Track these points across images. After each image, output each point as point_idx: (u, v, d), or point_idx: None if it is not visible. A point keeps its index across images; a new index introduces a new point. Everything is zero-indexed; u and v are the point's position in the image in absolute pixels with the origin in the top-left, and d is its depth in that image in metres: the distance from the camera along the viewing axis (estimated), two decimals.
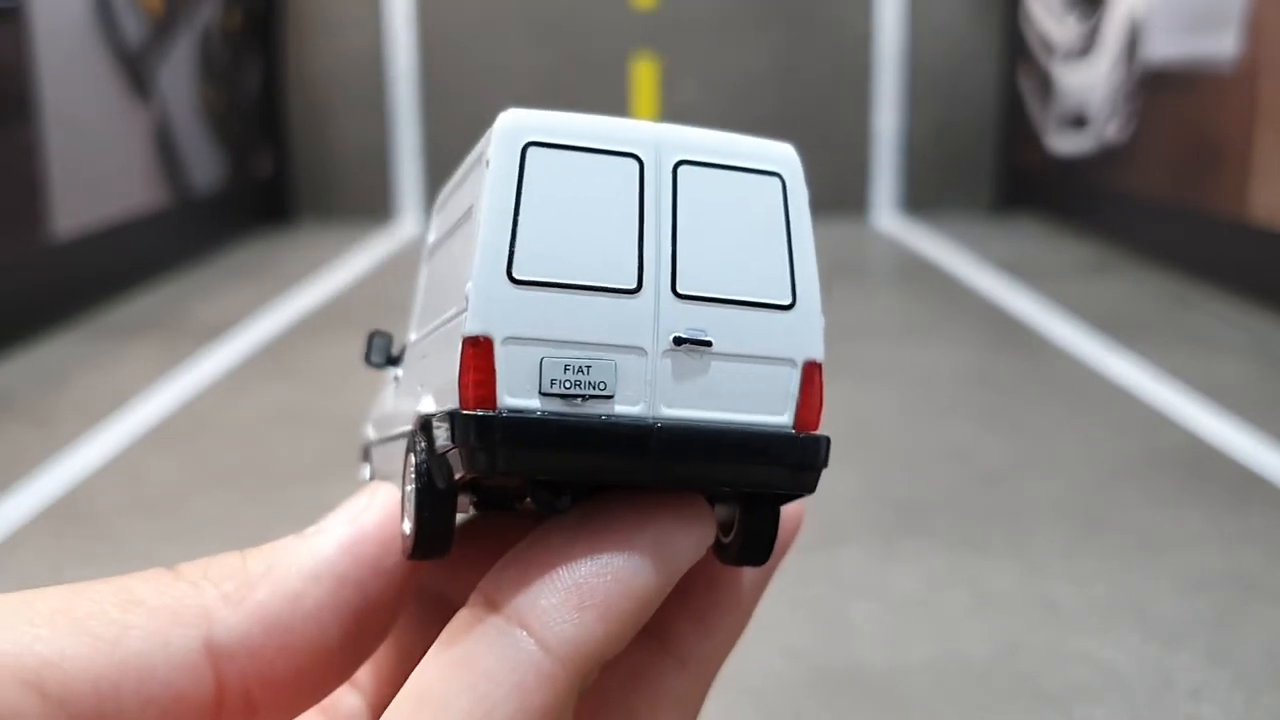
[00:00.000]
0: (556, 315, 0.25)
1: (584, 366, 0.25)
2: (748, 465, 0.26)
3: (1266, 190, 2.86)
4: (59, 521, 1.65)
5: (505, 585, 0.25)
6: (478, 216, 0.25)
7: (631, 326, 0.26)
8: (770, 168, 0.27)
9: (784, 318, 0.27)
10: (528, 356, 0.25)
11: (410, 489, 0.27)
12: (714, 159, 0.27)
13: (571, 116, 0.26)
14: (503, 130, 0.25)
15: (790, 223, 0.27)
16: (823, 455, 0.27)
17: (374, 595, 0.28)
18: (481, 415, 0.24)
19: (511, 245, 0.25)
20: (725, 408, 0.26)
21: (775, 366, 0.27)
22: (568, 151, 0.26)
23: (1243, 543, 1.55)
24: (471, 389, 0.25)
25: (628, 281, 0.26)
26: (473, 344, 0.25)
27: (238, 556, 0.28)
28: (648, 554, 0.26)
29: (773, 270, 0.27)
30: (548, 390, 0.25)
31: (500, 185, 0.25)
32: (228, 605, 0.26)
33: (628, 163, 0.26)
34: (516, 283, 0.25)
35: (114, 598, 0.25)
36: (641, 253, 0.26)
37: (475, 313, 0.25)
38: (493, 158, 0.25)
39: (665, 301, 0.26)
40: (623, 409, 0.25)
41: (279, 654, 0.27)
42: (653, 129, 0.26)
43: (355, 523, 0.29)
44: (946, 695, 1.21)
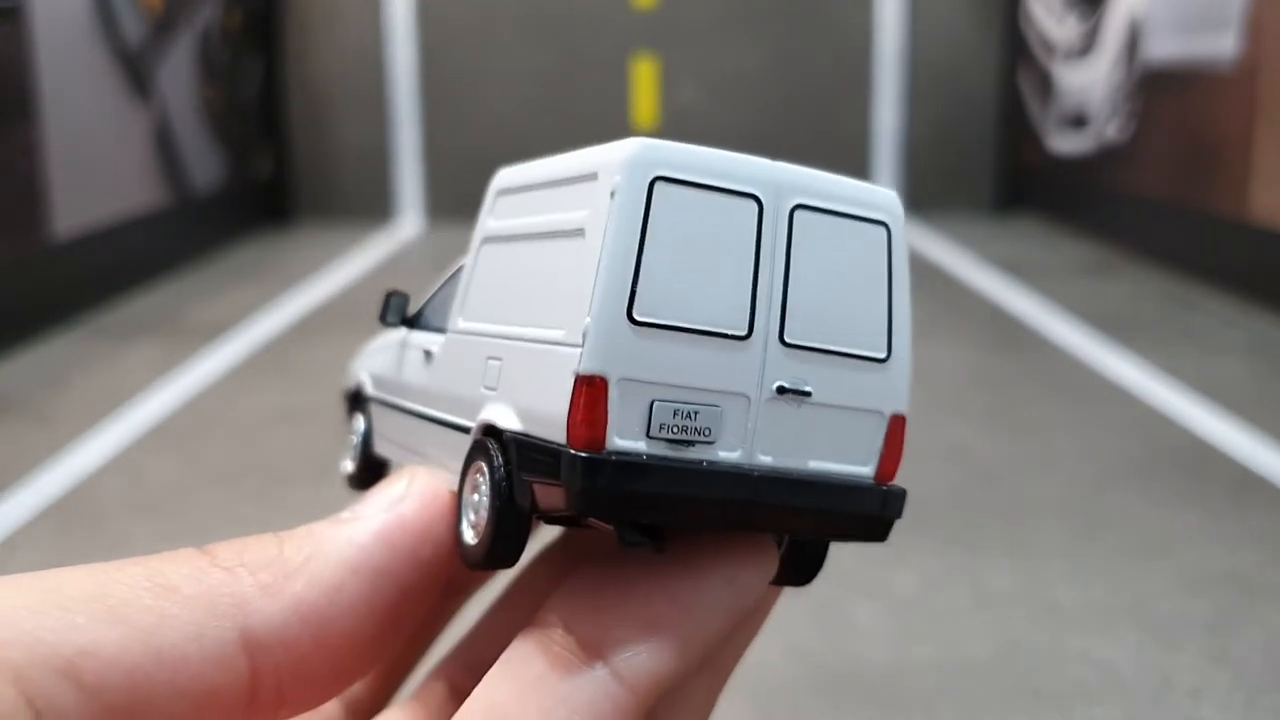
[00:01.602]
0: (671, 358, 0.25)
1: (692, 412, 0.25)
2: (834, 517, 0.27)
3: (1267, 190, 2.86)
4: (60, 521, 1.65)
5: (579, 611, 0.25)
6: (596, 245, 0.25)
7: (740, 374, 0.26)
8: (878, 216, 0.28)
9: (878, 370, 0.27)
10: (639, 398, 0.25)
11: (482, 501, 0.27)
12: (828, 205, 0.27)
13: (696, 150, 0.26)
14: (633, 160, 0.25)
15: (892, 274, 0.28)
16: (901, 508, 0.28)
17: (409, 587, 0.28)
18: (590, 458, 0.24)
19: (634, 284, 0.25)
20: (815, 456, 0.27)
21: (864, 417, 0.27)
22: (694, 189, 0.25)
23: (1243, 543, 1.55)
24: (583, 429, 0.24)
25: (740, 328, 0.26)
26: (588, 383, 0.24)
27: (274, 542, 0.27)
28: (718, 592, 0.26)
29: (872, 322, 0.27)
30: (655, 434, 0.25)
31: (627, 219, 0.25)
32: (265, 596, 0.26)
33: (748, 204, 0.26)
34: (636, 324, 0.25)
35: (148, 582, 0.25)
36: (754, 299, 0.26)
37: (593, 352, 0.24)
38: (620, 189, 0.25)
39: (772, 350, 0.26)
40: (724, 455, 0.26)
41: (315, 647, 0.26)
42: (772, 168, 0.26)
43: (393, 511, 0.28)
44: (946, 695, 1.21)
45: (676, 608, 0.25)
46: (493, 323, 0.29)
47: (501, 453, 0.27)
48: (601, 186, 0.25)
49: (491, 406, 0.28)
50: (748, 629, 0.30)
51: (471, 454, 0.28)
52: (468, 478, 0.28)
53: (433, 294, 0.35)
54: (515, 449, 0.26)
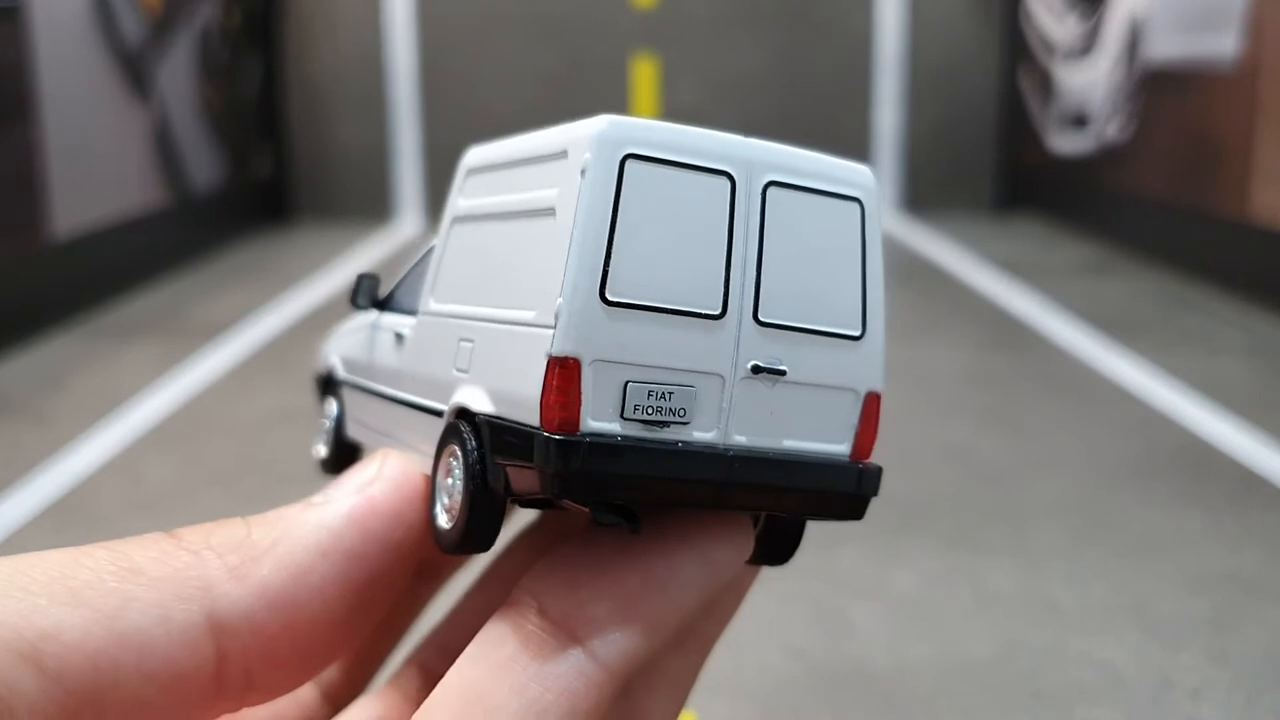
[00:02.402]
0: (644, 339, 0.25)
1: (667, 392, 0.25)
2: (809, 495, 0.27)
3: (1267, 190, 2.86)
4: (59, 521, 1.65)
5: (553, 590, 0.25)
6: (567, 224, 0.25)
7: (715, 353, 0.25)
8: (852, 193, 0.27)
9: (853, 348, 0.27)
10: (613, 379, 0.25)
11: (456, 485, 0.27)
12: (801, 181, 0.27)
13: (668, 127, 0.25)
14: (603, 138, 0.25)
15: (866, 251, 0.27)
16: (877, 486, 0.27)
17: (380, 570, 0.28)
18: (564, 440, 0.24)
19: (606, 264, 0.24)
20: (790, 435, 0.27)
21: (840, 395, 0.27)
22: (665, 166, 0.25)
23: (1243, 543, 1.55)
24: (556, 410, 0.24)
25: (714, 307, 0.25)
26: (560, 364, 0.24)
27: (242, 525, 0.27)
28: (693, 570, 0.26)
29: (846, 300, 0.27)
30: (630, 415, 0.25)
31: (598, 198, 0.24)
32: (232, 579, 0.26)
33: (720, 181, 0.26)
34: (609, 304, 0.24)
35: (112, 565, 0.24)
36: (728, 277, 0.25)
37: (565, 333, 0.24)
38: (591, 167, 0.25)
39: (747, 328, 0.26)
40: (699, 435, 0.25)
41: (283, 631, 0.26)
42: (745, 145, 0.26)
43: (364, 494, 0.28)
44: (947, 695, 1.21)
45: (650, 585, 0.25)
46: (464, 304, 0.29)
47: (475, 436, 0.26)
48: (572, 165, 0.25)
49: (464, 389, 0.27)
50: (724, 608, 0.30)
51: (444, 437, 0.28)
52: (441, 461, 0.27)
53: (404, 276, 0.35)
54: (488, 432, 0.26)
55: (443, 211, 0.32)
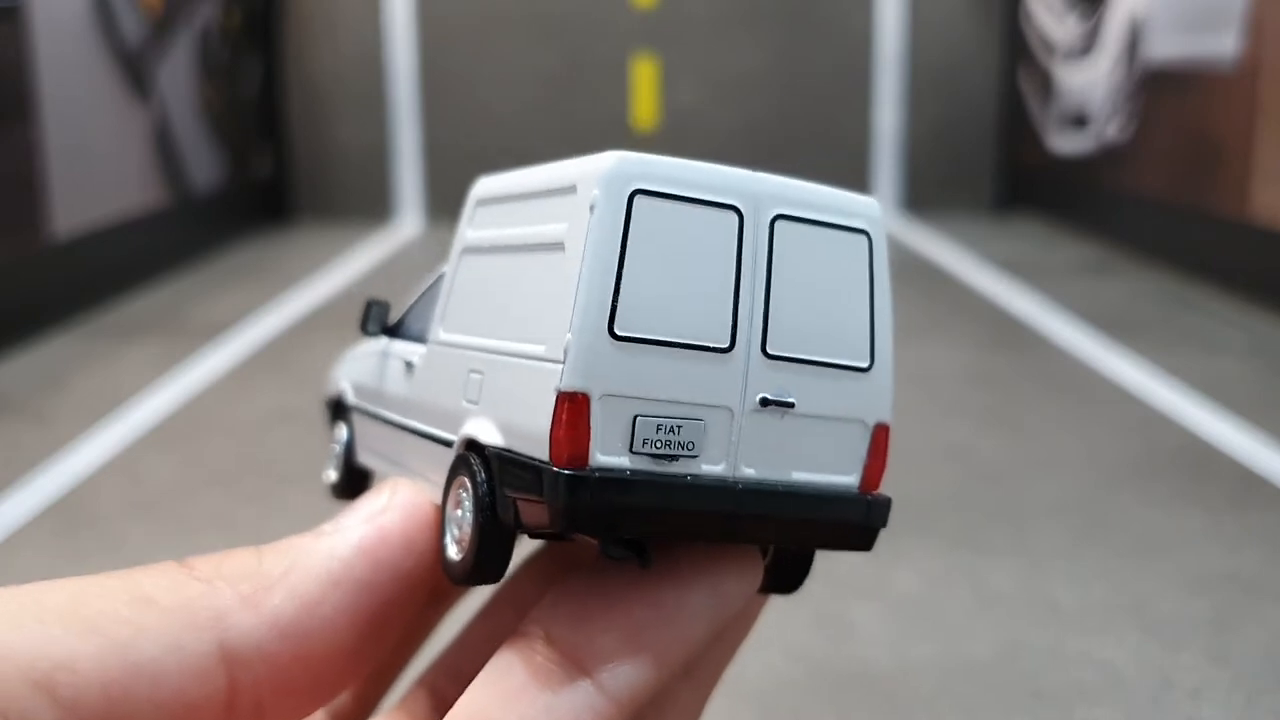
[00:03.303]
0: (653, 373, 0.25)
1: (675, 426, 0.25)
2: (818, 527, 0.27)
3: (1267, 190, 2.86)
4: (59, 521, 1.65)
5: (563, 621, 0.25)
6: (576, 260, 0.25)
7: (723, 387, 0.26)
8: (859, 225, 0.28)
9: (861, 379, 0.27)
10: (622, 414, 0.25)
11: (466, 516, 0.27)
12: (808, 214, 0.27)
13: (675, 162, 0.26)
14: (611, 174, 0.25)
15: (873, 282, 0.28)
16: (885, 517, 0.28)
17: (391, 600, 0.28)
18: (573, 475, 0.24)
19: (614, 300, 0.25)
20: (799, 467, 0.27)
21: (848, 427, 0.27)
22: (673, 201, 0.25)
23: (1243, 543, 1.55)
24: (565, 445, 0.24)
25: (722, 340, 0.26)
26: (569, 399, 0.24)
27: (253, 555, 0.27)
28: (702, 601, 0.26)
29: (854, 331, 0.27)
30: (639, 449, 0.25)
31: (606, 234, 0.25)
32: (244, 608, 0.26)
33: (728, 215, 0.26)
34: (617, 339, 0.25)
35: (125, 594, 0.25)
36: (736, 311, 0.26)
37: (574, 368, 0.24)
38: (599, 203, 0.25)
39: (755, 362, 0.26)
40: (707, 468, 0.26)
41: (294, 661, 0.26)
42: (752, 179, 0.26)
43: (374, 523, 0.28)
44: (947, 695, 1.21)
45: (659, 617, 0.25)
46: (473, 335, 0.29)
47: (484, 468, 0.26)
48: (580, 200, 0.25)
49: (473, 421, 0.28)
50: (733, 637, 0.30)
51: (454, 468, 0.28)
52: (451, 492, 0.28)
53: (413, 303, 0.35)
54: (498, 464, 0.26)
55: (452, 241, 0.32)
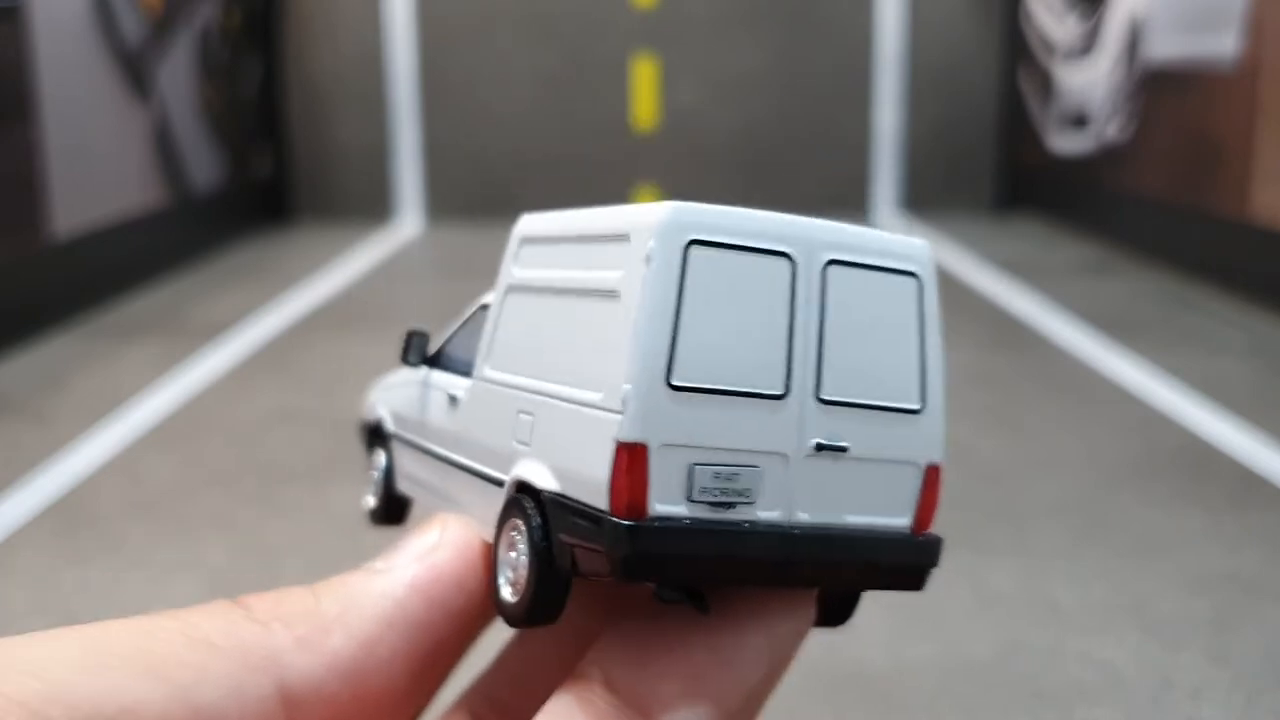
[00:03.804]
0: (710, 421, 0.25)
1: (732, 474, 0.25)
2: (872, 570, 0.27)
3: (1267, 190, 2.86)
4: (59, 521, 1.65)
5: (622, 665, 0.25)
6: (633, 310, 0.25)
7: (778, 433, 0.26)
8: (910, 268, 0.28)
9: (913, 421, 0.28)
10: (679, 463, 0.25)
11: (521, 560, 0.27)
12: (859, 258, 0.27)
13: (728, 211, 0.26)
14: (666, 225, 0.25)
15: (924, 324, 0.28)
16: (937, 557, 0.28)
17: (445, 637, 0.28)
18: (633, 525, 0.24)
19: (672, 350, 0.25)
20: (852, 510, 0.27)
21: (900, 469, 0.28)
22: (727, 250, 0.26)
23: (1243, 543, 1.55)
24: (625, 495, 0.24)
25: (777, 387, 0.26)
26: (629, 450, 0.24)
27: (309, 594, 0.27)
28: (760, 645, 0.26)
29: (905, 373, 0.28)
30: (696, 497, 0.25)
31: (663, 285, 0.25)
32: (301, 650, 0.26)
33: (781, 262, 0.26)
34: (674, 389, 0.25)
35: (184, 637, 0.25)
36: (790, 357, 0.26)
37: (634, 418, 0.25)
38: (655, 255, 0.25)
39: (809, 407, 0.26)
40: (764, 514, 0.26)
41: (352, 702, 0.26)
42: (804, 226, 0.26)
43: (427, 562, 0.28)
44: (947, 695, 1.21)
45: (719, 662, 0.25)
46: (522, 375, 0.29)
47: (539, 512, 0.27)
48: (635, 250, 0.25)
49: (525, 463, 0.28)
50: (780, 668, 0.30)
51: (507, 510, 0.28)
52: (503, 534, 0.28)
53: (452, 334, 0.35)
54: (553, 510, 0.26)
55: (496, 277, 0.32)
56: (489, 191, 4.76)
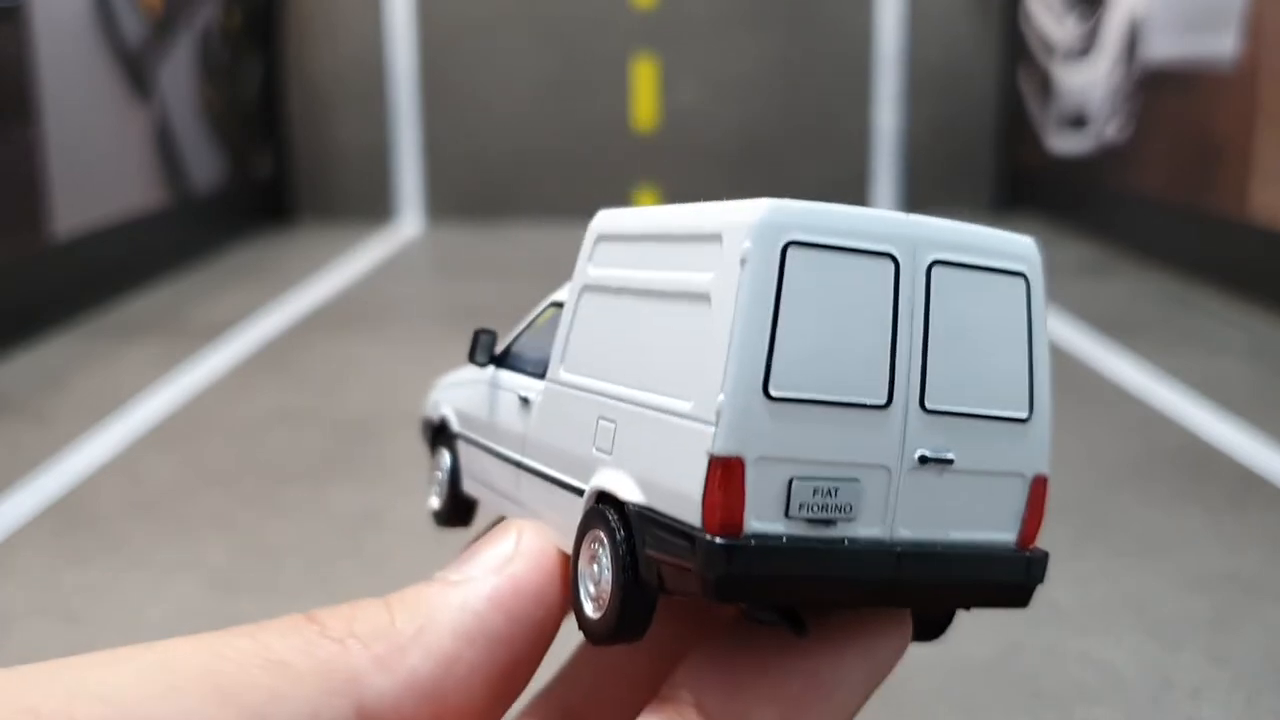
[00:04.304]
0: (809, 434, 0.24)
1: (832, 489, 0.24)
2: (976, 589, 0.26)
3: (1266, 190, 2.86)
4: (59, 521, 1.65)
5: (714, 690, 0.24)
6: (727, 315, 0.24)
7: (881, 445, 0.25)
8: (1017, 267, 0.27)
9: (1020, 431, 0.26)
10: (777, 477, 0.24)
11: (604, 574, 0.26)
12: (965, 258, 0.26)
13: (827, 209, 0.24)
14: (763, 225, 0.24)
15: (1032, 327, 0.27)
16: (1044, 574, 0.26)
17: (522, 652, 0.27)
18: (727, 544, 0.23)
19: (769, 358, 0.23)
20: (956, 526, 0.26)
21: (1007, 482, 0.26)
22: (827, 251, 0.24)
23: (1243, 543, 1.55)
24: (719, 511, 0.23)
25: (879, 397, 0.24)
26: (723, 465, 0.23)
27: (384, 610, 0.26)
28: (857, 669, 0.25)
29: (1013, 380, 0.26)
30: (794, 514, 0.24)
31: (760, 290, 0.24)
32: (379, 670, 0.25)
33: (884, 264, 0.25)
34: (772, 399, 0.23)
35: (257, 658, 0.24)
36: (894, 365, 0.25)
37: (729, 431, 0.23)
38: (752, 257, 0.24)
39: (913, 417, 0.25)
40: (864, 531, 0.25)
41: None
42: (907, 223, 0.25)
43: (505, 573, 0.27)
44: (946, 695, 1.21)
45: (817, 688, 0.24)
46: (601, 379, 0.28)
47: (623, 526, 0.25)
48: (729, 251, 0.24)
49: (607, 472, 0.27)
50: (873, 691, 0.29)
51: (588, 521, 0.27)
52: (584, 546, 0.27)
53: (519, 333, 0.34)
54: (639, 524, 0.25)
55: (572, 276, 0.31)
56: (489, 191, 4.76)
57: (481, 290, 3.27)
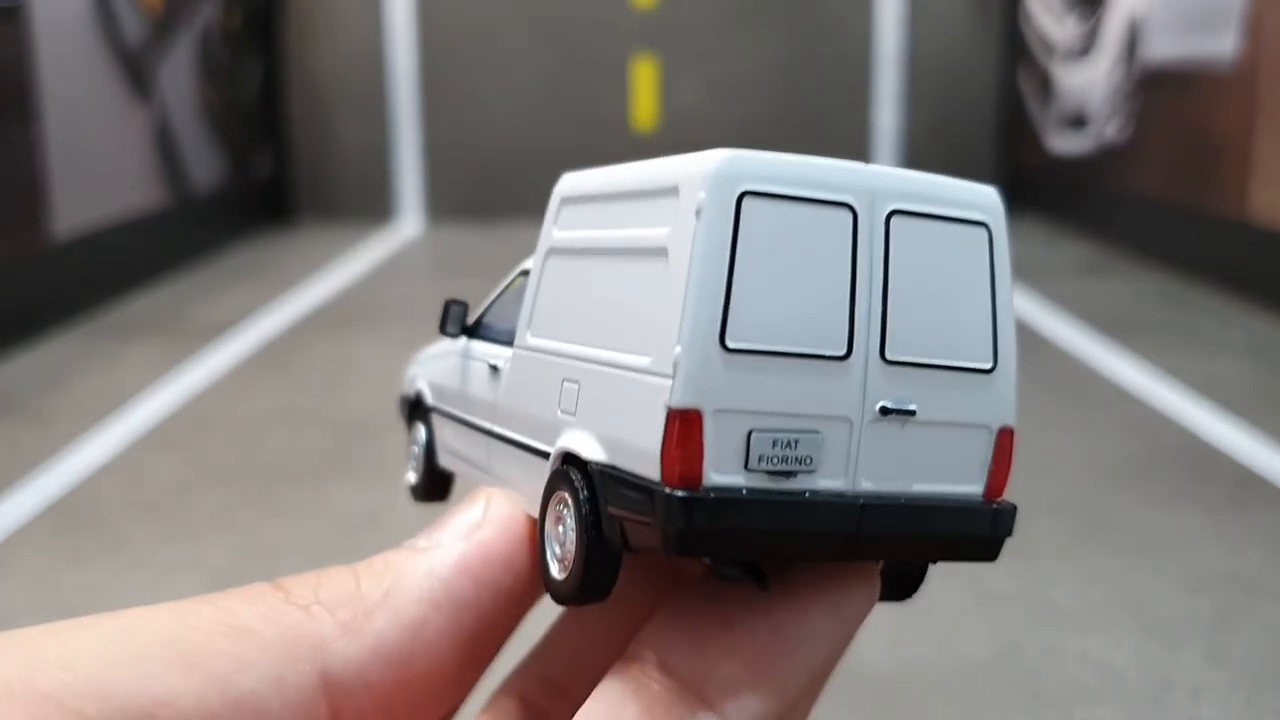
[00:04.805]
0: (767, 385, 0.24)
1: (792, 440, 0.24)
2: (942, 541, 0.26)
3: (1266, 190, 2.86)
4: (59, 521, 1.65)
5: (678, 647, 0.24)
6: (683, 268, 0.24)
7: (841, 397, 0.24)
8: (978, 217, 0.26)
9: (984, 381, 0.26)
10: (736, 429, 0.23)
11: (569, 535, 0.26)
12: (925, 208, 0.25)
13: (783, 159, 0.24)
14: (718, 175, 0.24)
15: (995, 278, 0.26)
16: (1011, 526, 0.26)
17: (492, 618, 0.27)
18: (687, 496, 0.23)
19: (725, 309, 0.23)
20: (920, 478, 0.25)
21: (971, 433, 0.26)
22: (784, 201, 0.24)
23: (1243, 543, 1.55)
24: (678, 464, 0.23)
25: (838, 347, 0.24)
26: (681, 417, 0.23)
27: (350, 576, 0.26)
28: (824, 624, 0.25)
29: (976, 330, 0.26)
30: (754, 466, 0.24)
31: (715, 240, 0.23)
32: (344, 635, 0.25)
33: (841, 214, 0.24)
34: (729, 351, 0.23)
35: (221, 625, 0.24)
36: (853, 315, 0.24)
37: (686, 383, 0.23)
38: (707, 207, 0.23)
39: (873, 368, 0.25)
40: (826, 483, 0.24)
41: (397, 687, 0.25)
42: (866, 173, 0.25)
43: (473, 539, 0.27)
44: (946, 695, 1.21)
45: (782, 643, 0.24)
46: (566, 341, 0.28)
47: (587, 485, 0.25)
48: (685, 203, 0.24)
49: (571, 433, 0.26)
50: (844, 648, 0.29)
51: (553, 483, 0.27)
52: (550, 508, 0.26)
53: (490, 302, 0.34)
54: (602, 482, 0.25)
55: (538, 241, 0.30)
56: (489, 192, 4.76)
57: (481, 290, 3.23)
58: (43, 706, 0.21)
